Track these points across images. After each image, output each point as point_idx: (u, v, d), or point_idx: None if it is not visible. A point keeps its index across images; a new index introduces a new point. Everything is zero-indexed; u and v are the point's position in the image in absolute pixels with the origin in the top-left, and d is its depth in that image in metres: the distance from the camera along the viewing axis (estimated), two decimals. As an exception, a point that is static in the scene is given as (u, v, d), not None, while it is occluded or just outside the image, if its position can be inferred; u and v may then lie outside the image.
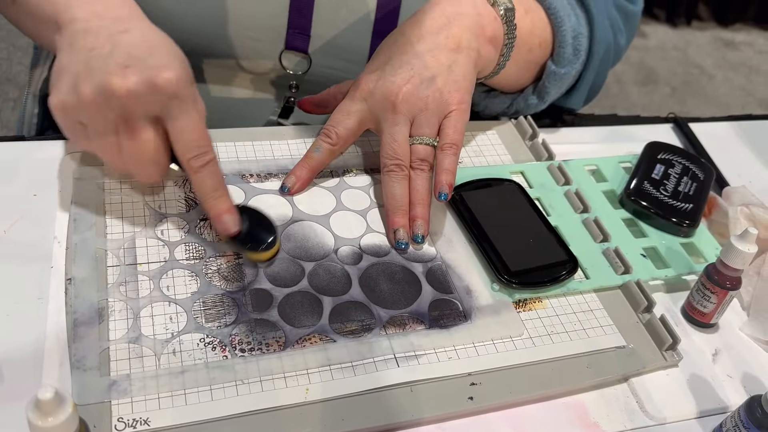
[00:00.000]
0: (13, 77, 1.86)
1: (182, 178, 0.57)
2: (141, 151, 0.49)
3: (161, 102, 0.47)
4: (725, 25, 2.70)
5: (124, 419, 0.42)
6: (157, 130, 0.48)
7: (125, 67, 0.46)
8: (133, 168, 0.50)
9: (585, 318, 0.54)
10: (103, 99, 0.46)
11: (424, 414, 0.46)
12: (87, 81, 0.46)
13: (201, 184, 0.50)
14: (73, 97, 0.47)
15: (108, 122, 0.47)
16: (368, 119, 0.58)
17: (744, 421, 0.46)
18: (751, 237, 0.52)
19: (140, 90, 0.46)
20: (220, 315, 0.48)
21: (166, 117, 0.48)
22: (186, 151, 0.49)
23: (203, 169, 0.49)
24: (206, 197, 0.50)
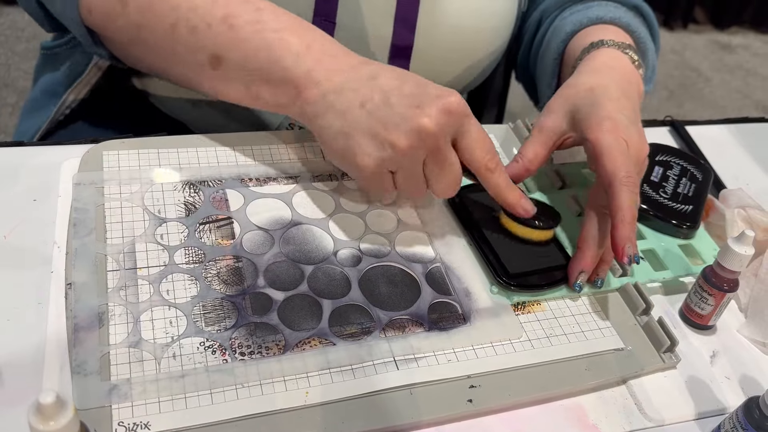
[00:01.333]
0: (11, 82, 1.86)
1: (182, 183, 0.57)
2: (451, 173, 0.53)
3: (459, 124, 0.51)
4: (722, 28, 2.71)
5: (124, 423, 0.42)
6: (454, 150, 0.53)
7: (419, 107, 0.50)
8: (441, 190, 0.54)
9: (583, 320, 0.54)
10: (418, 141, 0.50)
11: (424, 416, 0.46)
12: (394, 132, 0.50)
13: (498, 181, 0.54)
14: (387, 151, 0.51)
15: (420, 160, 0.52)
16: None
17: (742, 422, 0.46)
18: (748, 239, 0.52)
19: (444, 120, 0.50)
20: (220, 319, 0.48)
21: (460, 134, 0.52)
22: (483, 156, 0.53)
23: (498, 167, 0.54)
24: (505, 191, 0.54)
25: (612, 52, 0.65)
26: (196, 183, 0.57)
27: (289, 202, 0.58)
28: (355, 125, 0.52)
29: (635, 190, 0.53)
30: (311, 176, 0.60)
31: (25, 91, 1.83)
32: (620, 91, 0.60)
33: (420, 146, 0.50)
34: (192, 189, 0.57)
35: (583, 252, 0.55)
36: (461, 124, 0.52)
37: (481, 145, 0.53)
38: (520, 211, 0.55)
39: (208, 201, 0.56)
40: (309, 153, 0.63)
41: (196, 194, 0.56)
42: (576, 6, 0.73)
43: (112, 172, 0.56)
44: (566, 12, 0.74)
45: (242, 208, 0.56)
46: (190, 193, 0.56)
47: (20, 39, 1.99)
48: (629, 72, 0.64)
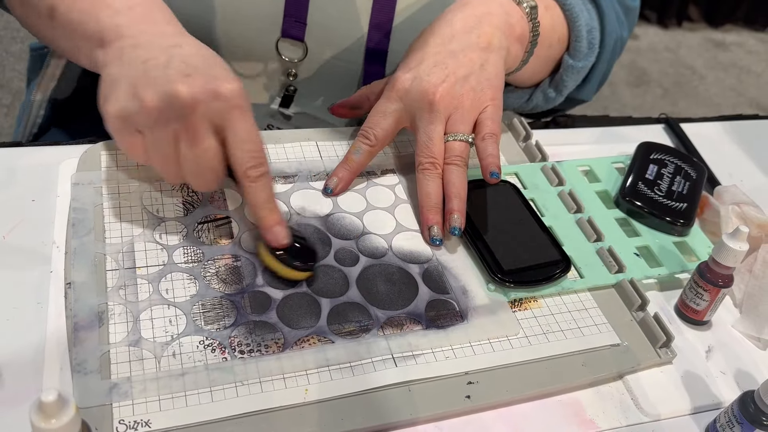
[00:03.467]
0: (6, 83, 1.86)
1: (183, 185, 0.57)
2: (202, 159, 0.48)
3: (224, 110, 0.48)
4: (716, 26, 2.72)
5: (125, 421, 0.42)
6: (217, 139, 0.49)
7: (187, 75, 0.47)
8: (191, 177, 0.50)
9: (580, 317, 0.54)
10: (167, 105, 0.46)
11: (422, 413, 0.46)
12: (149, 88, 0.47)
13: (255, 194, 0.50)
14: (134, 103, 0.47)
15: (169, 130, 0.47)
16: (404, 118, 0.60)
17: (737, 416, 0.47)
18: (742, 235, 0.53)
19: (204, 97, 0.47)
20: (219, 317, 0.49)
21: (226, 126, 0.48)
22: (244, 161, 0.49)
23: (259, 179, 0.50)
24: (259, 208, 0.50)
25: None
26: (194, 182, 0.57)
27: (286, 202, 0.58)
28: (123, 76, 0.48)
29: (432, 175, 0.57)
30: (309, 176, 0.61)
31: (20, 91, 1.83)
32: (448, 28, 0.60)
33: (168, 111, 0.46)
34: (190, 188, 0.57)
35: (422, 210, 0.57)
36: (227, 113, 0.48)
37: (247, 147, 0.49)
38: (269, 237, 0.51)
39: (206, 200, 0.56)
40: (306, 153, 0.63)
41: (195, 193, 0.57)
42: None
43: (111, 171, 0.57)
44: None
45: (240, 208, 0.56)
46: (189, 193, 0.56)
47: (15, 39, 1.99)
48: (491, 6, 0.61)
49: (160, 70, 0.47)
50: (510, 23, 0.62)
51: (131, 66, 0.49)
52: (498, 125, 0.59)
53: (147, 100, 0.46)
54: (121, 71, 0.49)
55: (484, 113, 0.59)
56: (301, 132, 0.65)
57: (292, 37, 0.67)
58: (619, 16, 0.74)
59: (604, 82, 0.76)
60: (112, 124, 0.49)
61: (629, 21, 0.76)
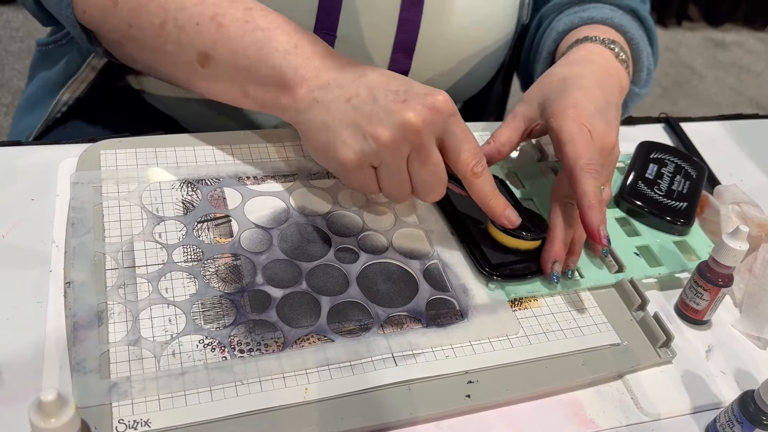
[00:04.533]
0: (5, 82, 1.86)
1: (179, 181, 0.57)
2: (434, 173, 0.52)
3: (445, 122, 0.51)
4: (715, 25, 2.72)
5: (125, 421, 0.42)
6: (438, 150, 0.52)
7: (405, 102, 0.50)
8: (424, 191, 0.53)
9: (579, 316, 0.54)
10: (402, 136, 0.49)
11: (422, 412, 0.46)
12: (378, 125, 0.50)
13: (482, 187, 0.53)
14: (369, 145, 0.50)
15: (403, 157, 0.51)
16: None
17: (737, 415, 0.47)
18: (742, 234, 0.53)
19: (430, 117, 0.50)
20: (219, 316, 0.48)
21: (446, 135, 0.51)
22: (468, 160, 0.52)
23: (484, 173, 0.53)
24: (489, 198, 0.53)
25: (595, 47, 0.65)
26: (193, 181, 0.57)
27: (286, 200, 0.58)
28: (338, 119, 0.51)
29: (597, 177, 0.54)
30: (309, 174, 0.61)
31: (19, 91, 1.82)
32: (594, 81, 0.60)
33: (403, 141, 0.50)
34: (190, 187, 0.57)
35: (552, 242, 0.55)
36: (447, 123, 0.51)
37: (468, 147, 0.52)
38: (504, 221, 0.54)
39: (205, 199, 0.56)
40: (306, 151, 0.63)
41: (194, 193, 0.57)
42: (573, 8, 0.74)
43: (110, 171, 0.56)
44: (563, 14, 0.74)
45: (240, 206, 0.56)
46: (188, 192, 0.56)
47: (14, 38, 1.98)
48: (610, 65, 0.64)
49: (371, 105, 0.51)
50: (622, 85, 0.64)
51: (337, 108, 0.51)
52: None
53: (381, 137, 0.50)
54: (330, 116, 0.52)
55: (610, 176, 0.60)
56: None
57: None
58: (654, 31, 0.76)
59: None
60: (349, 169, 0.52)
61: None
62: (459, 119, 0.52)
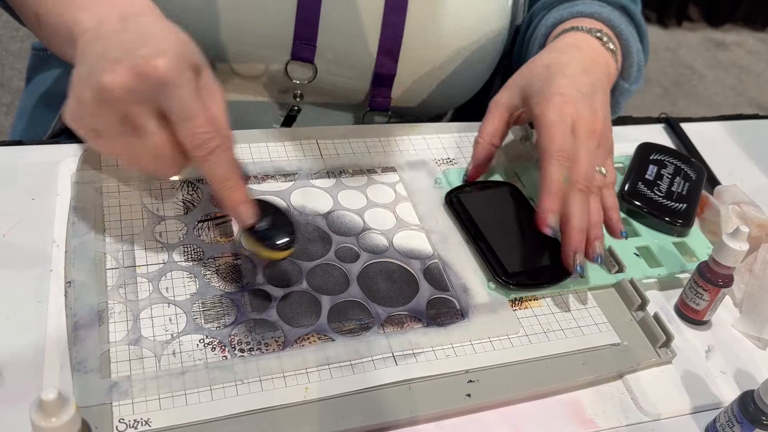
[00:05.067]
0: (5, 82, 1.86)
1: (180, 181, 0.57)
2: (150, 147, 0.45)
3: (154, 91, 0.43)
4: (716, 25, 2.72)
5: (125, 420, 0.42)
6: (161, 123, 0.45)
7: (116, 62, 0.43)
8: (147, 165, 0.47)
9: (580, 316, 0.55)
10: (100, 100, 0.44)
11: (422, 411, 0.46)
12: (84, 85, 0.44)
13: (211, 172, 0.46)
14: (75, 104, 0.45)
15: (113, 122, 0.45)
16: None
17: (737, 415, 0.47)
18: (742, 235, 0.53)
19: (130, 83, 0.43)
20: (219, 316, 0.49)
21: (164, 108, 0.44)
22: (188, 140, 0.45)
23: (210, 156, 0.45)
24: (219, 187, 0.46)
25: (581, 35, 0.65)
26: (194, 181, 0.57)
27: (287, 200, 0.58)
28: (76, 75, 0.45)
29: (565, 164, 0.54)
30: (309, 174, 0.61)
31: (19, 90, 1.82)
32: (579, 67, 0.60)
33: (103, 106, 0.44)
34: (190, 187, 0.57)
35: (568, 233, 0.55)
36: (159, 93, 0.44)
37: (187, 124, 0.44)
38: (234, 215, 0.48)
39: (206, 199, 0.56)
40: (306, 151, 0.63)
41: (195, 192, 0.57)
42: (562, 5, 0.74)
43: (111, 170, 0.57)
44: (552, 11, 0.74)
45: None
46: (189, 191, 0.56)
47: (15, 38, 1.98)
48: (597, 52, 0.63)
49: (97, 62, 0.44)
50: (610, 72, 0.64)
51: (86, 63, 0.45)
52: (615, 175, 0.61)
53: (84, 98, 0.44)
54: (78, 70, 0.46)
55: (608, 159, 0.60)
56: (302, 130, 0.65)
57: (302, 60, 0.67)
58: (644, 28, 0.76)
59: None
60: (70, 125, 0.47)
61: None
62: (176, 90, 0.44)
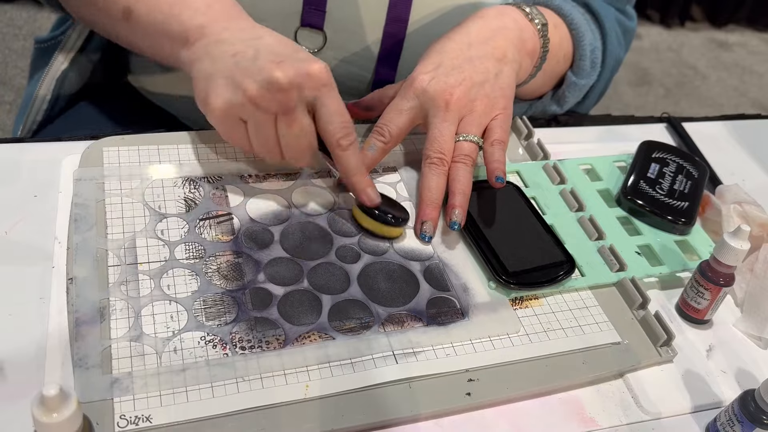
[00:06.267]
0: (8, 80, 1.86)
1: (182, 179, 0.57)
2: (300, 137, 0.53)
3: (316, 89, 0.52)
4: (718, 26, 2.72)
5: (126, 416, 0.42)
6: (309, 116, 0.53)
7: (280, 63, 0.51)
8: (291, 155, 0.54)
9: (580, 315, 0.55)
10: (267, 92, 0.50)
11: (423, 410, 0.46)
12: (247, 79, 0.51)
13: (348, 160, 0.55)
14: (237, 96, 0.51)
15: (270, 115, 0.52)
16: (419, 116, 0.60)
17: (738, 415, 0.47)
18: (743, 234, 0.53)
19: (299, 79, 0.51)
20: (221, 313, 0.49)
21: (318, 104, 0.53)
22: (336, 132, 0.53)
23: (350, 147, 0.54)
24: (353, 172, 0.55)
25: (501, 8, 0.65)
26: (196, 179, 0.58)
27: (288, 198, 0.58)
28: (219, 70, 0.52)
29: (438, 171, 0.57)
30: (311, 173, 0.61)
31: (22, 88, 1.83)
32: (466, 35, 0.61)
33: (269, 98, 0.51)
34: (192, 185, 0.57)
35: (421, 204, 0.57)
36: (319, 92, 0.52)
37: (338, 120, 0.53)
38: (363, 197, 0.55)
39: (208, 197, 0.56)
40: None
41: (196, 190, 0.57)
42: None
43: (113, 168, 0.57)
44: None
45: (242, 204, 0.56)
46: (190, 189, 0.57)
47: (17, 36, 1.99)
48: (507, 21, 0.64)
49: (250, 62, 0.51)
50: (523, 39, 0.64)
51: (222, 61, 0.53)
52: (507, 134, 0.61)
53: (249, 90, 0.51)
54: (213, 67, 0.53)
55: (494, 120, 0.60)
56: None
57: (311, 26, 0.68)
58: (618, 36, 0.76)
59: (601, 97, 0.79)
60: (217, 117, 0.53)
61: (626, 41, 0.78)
62: (333, 92, 0.53)
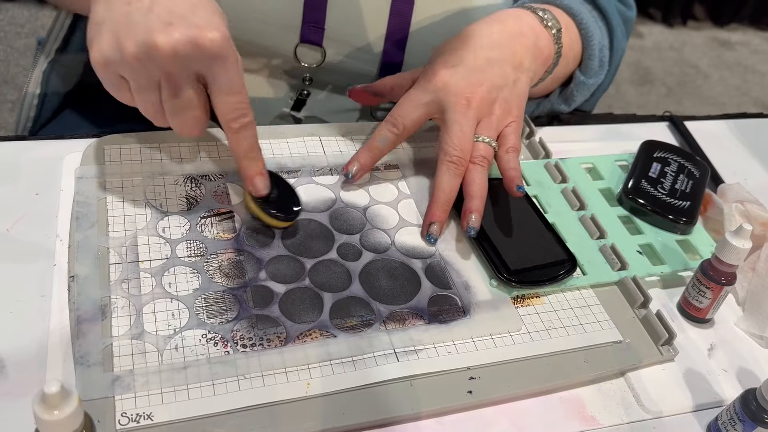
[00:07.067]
0: (10, 79, 1.86)
1: (183, 177, 0.57)
2: (183, 108, 0.49)
3: (204, 61, 0.47)
4: (721, 24, 2.72)
5: (127, 414, 0.42)
6: (198, 87, 0.49)
7: (168, 24, 0.46)
8: (174, 123, 0.51)
9: (582, 313, 0.54)
10: (146, 56, 0.46)
11: (424, 408, 0.46)
12: (130, 37, 0.46)
13: (237, 144, 0.51)
14: (116, 53, 0.47)
15: (151, 79, 0.48)
16: (434, 111, 0.59)
17: (739, 413, 0.47)
18: (745, 233, 0.53)
19: (184, 48, 0.46)
20: (222, 311, 0.49)
21: (208, 76, 0.48)
22: (227, 112, 0.50)
23: (242, 130, 0.50)
24: (242, 157, 0.52)
25: (516, 10, 0.65)
26: (197, 177, 0.58)
27: (289, 196, 0.58)
28: (107, 19, 0.48)
29: (456, 172, 0.56)
30: (312, 171, 0.61)
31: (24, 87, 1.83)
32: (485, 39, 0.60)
33: (148, 62, 0.46)
34: (193, 183, 0.57)
35: (432, 204, 0.56)
36: (208, 64, 0.47)
37: (229, 99, 0.49)
38: (249, 186, 0.53)
39: (209, 195, 0.56)
40: (310, 148, 0.63)
41: (198, 188, 0.57)
42: None
43: (114, 166, 0.57)
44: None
45: (243, 202, 0.56)
46: (192, 187, 0.57)
47: (20, 35, 1.99)
48: (524, 26, 0.63)
49: (142, 16, 0.47)
50: (539, 47, 0.63)
51: (116, 8, 0.48)
52: (520, 141, 0.60)
53: (128, 50, 0.46)
54: (105, 14, 0.48)
55: (509, 127, 0.60)
56: (305, 127, 0.65)
57: (311, 43, 0.67)
58: (622, 30, 0.75)
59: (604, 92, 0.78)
60: (96, 69, 0.49)
61: (627, 30, 0.78)
62: (226, 64, 0.48)
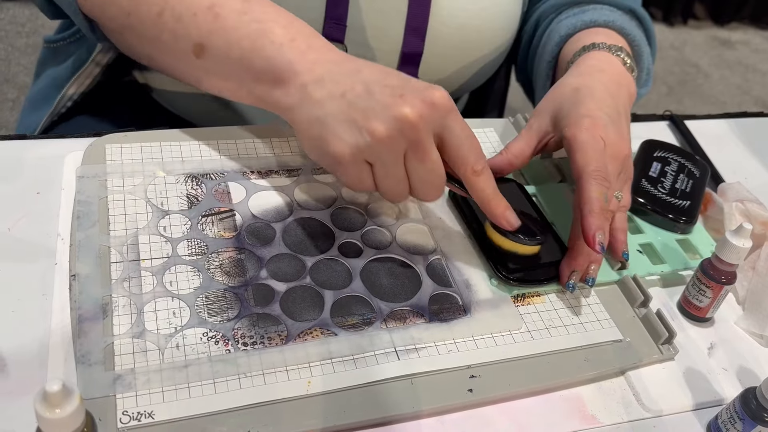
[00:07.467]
0: (11, 78, 1.86)
1: (184, 176, 0.57)
2: (432, 171, 0.50)
3: (443, 118, 0.49)
4: (721, 24, 2.72)
5: (129, 412, 0.42)
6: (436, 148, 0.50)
7: (402, 96, 0.48)
8: (423, 190, 0.52)
9: (582, 312, 0.55)
10: (397, 130, 0.48)
11: (425, 406, 0.46)
12: (371, 119, 0.48)
13: (485, 185, 0.52)
14: (364, 139, 0.49)
15: (399, 153, 0.49)
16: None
17: (739, 412, 0.47)
18: (745, 232, 0.53)
19: (427, 112, 0.48)
20: (223, 310, 0.49)
21: (445, 132, 0.50)
22: (469, 158, 0.50)
23: (484, 172, 0.51)
24: (489, 198, 0.52)
25: (602, 55, 0.65)
26: (198, 176, 0.58)
27: (290, 195, 0.58)
28: (332, 113, 0.50)
29: (603, 184, 0.54)
30: (313, 169, 0.61)
31: (25, 86, 1.83)
32: (606, 91, 0.60)
33: (400, 136, 0.48)
34: (194, 182, 0.57)
35: (573, 252, 0.55)
36: (445, 119, 0.49)
37: (468, 144, 0.50)
38: (503, 222, 0.53)
39: (210, 193, 0.56)
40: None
41: (199, 187, 0.57)
42: (572, 9, 0.74)
43: (115, 165, 0.57)
44: (562, 15, 0.74)
45: (244, 201, 0.57)
46: (193, 186, 0.57)
47: (21, 34, 1.99)
48: (619, 74, 0.64)
49: (367, 100, 0.49)
50: (630, 93, 0.64)
51: (331, 103, 0.50)
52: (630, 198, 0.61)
53: (377, 131, 0.48)
54: (322, 111, 0.50)
55: (626, 185, 0.60)
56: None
57: (332, 40, 0.67)
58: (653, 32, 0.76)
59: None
60: (345, 164, 0.50)
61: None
62: (458, 116, 0.50)
